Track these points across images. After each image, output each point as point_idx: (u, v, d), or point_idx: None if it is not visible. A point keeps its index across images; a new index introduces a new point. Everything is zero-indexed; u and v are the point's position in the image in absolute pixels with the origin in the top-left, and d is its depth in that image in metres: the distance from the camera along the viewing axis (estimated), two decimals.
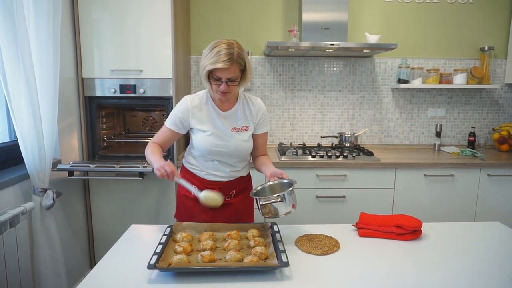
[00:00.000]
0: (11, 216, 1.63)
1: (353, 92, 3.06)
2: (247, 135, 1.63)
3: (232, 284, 1.10)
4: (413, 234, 1.43)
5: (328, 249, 1.32)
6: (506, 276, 1.15)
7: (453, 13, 2.99)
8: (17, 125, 1.75)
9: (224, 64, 1.39)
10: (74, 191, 2.41)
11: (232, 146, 1.59)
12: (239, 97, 1.62)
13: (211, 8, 2.93)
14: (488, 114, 3.12)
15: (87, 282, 1.11)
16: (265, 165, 1.62)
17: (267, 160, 1.67)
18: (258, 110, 1.64)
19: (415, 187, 2.51)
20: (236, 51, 1.42)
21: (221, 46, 1.41)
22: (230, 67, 1.41)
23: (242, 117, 1.62)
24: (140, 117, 2.94)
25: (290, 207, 1.35)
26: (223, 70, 1.41)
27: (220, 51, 1.40)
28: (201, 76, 1.48)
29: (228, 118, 1.60)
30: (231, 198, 1.68)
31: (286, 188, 1.40)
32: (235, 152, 1.61)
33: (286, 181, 1.44)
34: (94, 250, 2.59)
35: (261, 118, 1.65)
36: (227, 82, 1.44)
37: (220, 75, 1.43)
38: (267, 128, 1.70)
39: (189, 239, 1.35)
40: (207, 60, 1.42)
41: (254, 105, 1.64)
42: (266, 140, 1.73)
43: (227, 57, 1.39)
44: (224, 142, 1.58)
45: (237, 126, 1.61)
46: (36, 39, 1.82)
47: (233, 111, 1.60)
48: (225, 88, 1.45)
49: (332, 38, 2.63)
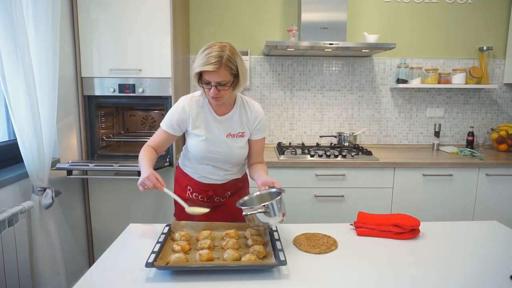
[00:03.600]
0: (9, 215, 1.63)
1: (352, 91, 3.06)
2: (243, 142, 1.59)
3: (230, 282, 1.10)
4: (411, 233, 1.43)
5: (326, 248, 1.32)
6: (503, 275, 1.15)
7: (452, 13, 2.99)
8: (16, 124, 1.75)
9: (211, 67, 1.34)
10: (73, 190, 2.42)
11: (226, 153, 1.56)
12: (236, 101, 1.57)
13: (210, 8, 2.93)
14: (487, 114, 3.13)
15: (85, 281, 1.11)
16: (257, 174, 1.55)
17: (261, 169, 1.59)
18: (255, 117, 1.58)
19: (413, 186, 2.52)
20: (226, 54, 1.36)
21: (212, 49, 1.36)
22: (217, 71, 1.36)
23: (238, 122, 1.56)
24: (139, 117, 2.94)
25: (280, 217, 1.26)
26: (211, 73, 1.37)
27: (210, 53, 1.35)
28: (192, 78, 1.45)
29: (224, 123, 1.55)
30: (226, 198, 1.68)
31: (274, 197, 1.30)
32: (229, 159, 1.58)
33: (275, 190, 1.37)
34: (93, 248, 2.59)
35: (258, 124, 1.59)
36: (216, 86, 1.39)
37: (208, 78, 1.39)
38: (263, 135, 1.64)
39: (187, 238, 1.35)
40: (197, 62, 1.38)
41: (251, 110, 1.58)
42: (262, 146, 1.65)
43: (215, 59, 1.34)
44: (218, 148, 1.54)
45: (232, 132, 1.56)
46: (35, 38, 1.82)
47: (229, 116, 1.56)
48: (214, 92, 1.40)
49: (331, 38, 2.63)
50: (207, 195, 1.64)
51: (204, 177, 1.62)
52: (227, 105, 1.56)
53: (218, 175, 1.62)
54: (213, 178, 1.62)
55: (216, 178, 1.62)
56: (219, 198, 1.66)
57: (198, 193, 1.65)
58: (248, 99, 1.62)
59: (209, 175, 1.61)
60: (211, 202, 1.66)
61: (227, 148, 1.56)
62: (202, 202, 1.65)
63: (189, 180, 1.65)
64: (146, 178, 1.35)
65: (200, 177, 1.63)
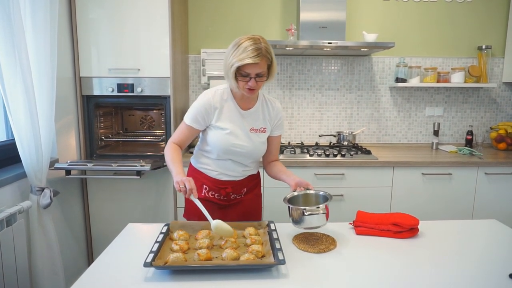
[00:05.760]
0: (8, 215, 1.62)
1: (351, 91, 3.06)
2: (265, 137, 1.62)
3: (229, 282, 1.10)
4: (410, 232, 1.43)
5: (325, 247, 1.32)
6: (502, 274, 1.15)
7: (450, 12, 2.99)
8: (14, 124, 1.74)
9: (253, 59, 1.37)
10: (72, 190, 2.41)
11: (249, 147, 1.56)
12: (258, 96, 1.60)
13: (209, 7, 2.93)
14: (486, 112, 3.13)
15: (84, 280, 1.11)
16: (285, 174, 1.59)
17: (283, 167, 1.64)
18: (277, 113, 1.63)
19: (412, 185, 2.52)
20: (263, 45, 1.40)
21: (247, 42, 1.39)
22: (259, 62, 1.39)
23: (261, 117, 1.59)
24: (138, 116, 2.94)
25: (325, 220, 1.34)
26: (252, 66, 1.39)
27: (247, 47, 1.37)
28: (227, 75, 1.45)
29: (248, 117, 1.57)
30: (242, 196, 1.67)
31: (320, 200, 1.42)
32: (251, 153, 1.59)
33: (322, 194, 1.44)
34: (92, 248, 2.59)
35: (278, 121, 1.64)
36: (255, 78, 1.42)
37: (248, 71, 1.41)
38: (281, 132, 1.68)
39: (186, 237, 1.35)
40: (234, 57, 1.39)
41: (273, 107, 1.62)
42: (279, 144, 1.71)
43: (256, 52, 1.37)
44: (242, 142, 1.55)
45: (255, 126, 1.58)
46: (33, 38, 1.82)
47: (253, 110, 1.58)
48: (253, 84, 1.43)
49: (330, 37, 2.63)
50: (225, 192, 1.63)
51: (222, 174, 1.61)
52: (251, 100, 1.57)
53: (237, 172, 1.62)
54: (232, 174, 1.61)
55: (234, 175, 1.62)
56: (235, 196, 1.65)
57: (214, 191, 1.63)
58: (268, 96, 1.65)
59: (228, 172, 1.60)
60: (227, 200, 1.65)
61: (251, 142, 1.57)
62: (219, 200, 1.64)
63: (204, 179, 1.63)
64: (185, 180, 1.36)
65: (218, 174, 1.61)
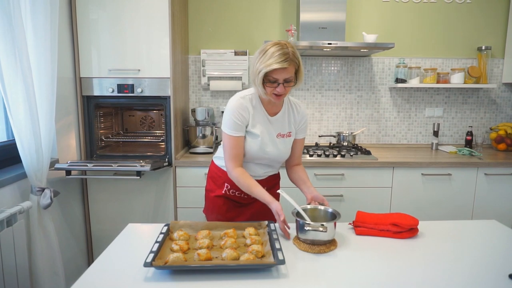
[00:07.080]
0: (8, 215, 1.62)
1: (351, 91, 3.07)
2: (290, 142, 1.62)
3: (228, 282, 1.10)
4: (409, 232, 1.43)
5: (325, 247, 1.32)
6: (502, 274, 1.15)
7: (450, 13, 3.00)
8: (14, 124, 1.75)
9: (282, 65, 1.36)
10: (72, 190, 2.41)
11: (276, 153, 1.57)
12: (284, 101, 1.59)
13: (209, 8, 2.93)
14: (486, 113, 3.13)
15: (84, 280, 1.11)
16: (305, 185, 1.59)
17: (305, 176, 1.63)
18: (302, 116, 1.63)
19: (412, 186, 2.52)
20: (290, 50, 1.39)
21: (274, 48, 1.39)
22: (287, 67, 1.38)
23: (287, 122, 1.59)
24: (138, 117, 2.94)
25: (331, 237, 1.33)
26: (281, 71, 1.39)
27: (274, 53, 1.37)
28: (255, 81, 1.44)
29: (275, 123, 1.56)
30: None
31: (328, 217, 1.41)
32: (276, 158, 1.59)
33: (331, 211, 1.43)
34: (92, 248, 2.59)
35: (303, 124, 1.64)
36: (283, 84, 1.41)
37: (277, 76, 1.40)
38: (305, 134, 1.68)
39: (186, 237, 1.35)
40: (261, 64, 1.39)
41: (298, 111, 1.62)
42: (303, 146, 1.70)
43: (284, 57, 1.37)
44: (270, 148, 1.55)
45: (282, 132, 1.58)
46: (33, 38, 1.82)
47: (280, 115, 1.57)
48: (281, 90, 1.42)
49: (329, 38, 2.64)
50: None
51: None
52: (277, 105, 1.56)
53: (259, 173, 1.62)
54: (254, 175, 1.60)
55: (256, 175, 1.62)
56: None
57: (236, 189, 1.64)
58: (294, 99, 1.64)
59: (250, 172, 1.59)
60: (248, 199, 1.65)
61: (277, 148, 1.57)
62: (239, 198, 1.65)
63: (227, 177, 1.62)
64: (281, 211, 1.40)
65: None
